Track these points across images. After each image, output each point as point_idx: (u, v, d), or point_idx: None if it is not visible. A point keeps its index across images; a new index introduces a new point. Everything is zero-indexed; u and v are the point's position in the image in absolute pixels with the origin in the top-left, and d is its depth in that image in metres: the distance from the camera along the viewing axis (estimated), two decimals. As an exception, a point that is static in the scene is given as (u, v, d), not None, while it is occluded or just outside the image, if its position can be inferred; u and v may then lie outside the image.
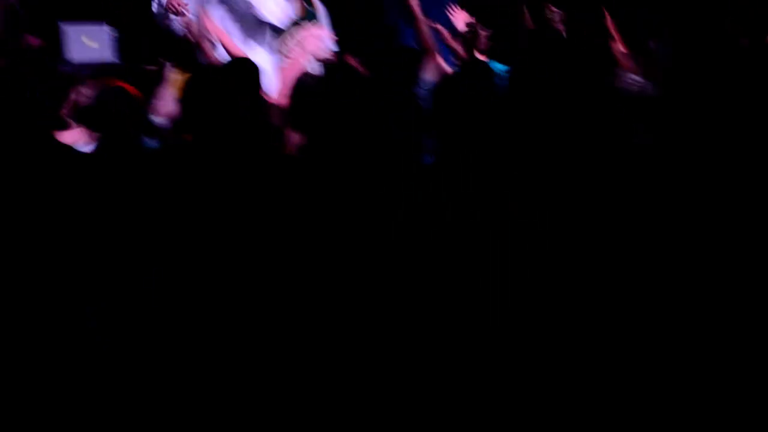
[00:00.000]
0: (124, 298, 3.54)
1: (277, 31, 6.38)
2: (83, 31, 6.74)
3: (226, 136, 3.74)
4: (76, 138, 5.10)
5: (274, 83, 5.44)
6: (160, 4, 6.31)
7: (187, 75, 3.90)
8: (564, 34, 6.17)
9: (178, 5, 6.04)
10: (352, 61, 5.21)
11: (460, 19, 6.41)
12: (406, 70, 4.90)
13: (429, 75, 5.06)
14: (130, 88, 4.92)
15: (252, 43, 6.42)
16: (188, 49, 5.91)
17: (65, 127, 4.84)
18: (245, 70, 4.69)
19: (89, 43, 6.63)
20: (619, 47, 5.41)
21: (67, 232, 3.51)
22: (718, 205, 3.62)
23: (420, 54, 5.27)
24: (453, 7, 6.55)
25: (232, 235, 3.62)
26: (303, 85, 4.88)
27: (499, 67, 5.41)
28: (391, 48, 5.66)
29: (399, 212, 3.56)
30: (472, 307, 3.45)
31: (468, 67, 4.92)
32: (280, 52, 6.50)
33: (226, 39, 5.80)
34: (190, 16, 5.93)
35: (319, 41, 5.55)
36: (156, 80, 5.44)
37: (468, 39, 6.43)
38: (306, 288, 3.50)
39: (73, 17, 7.03)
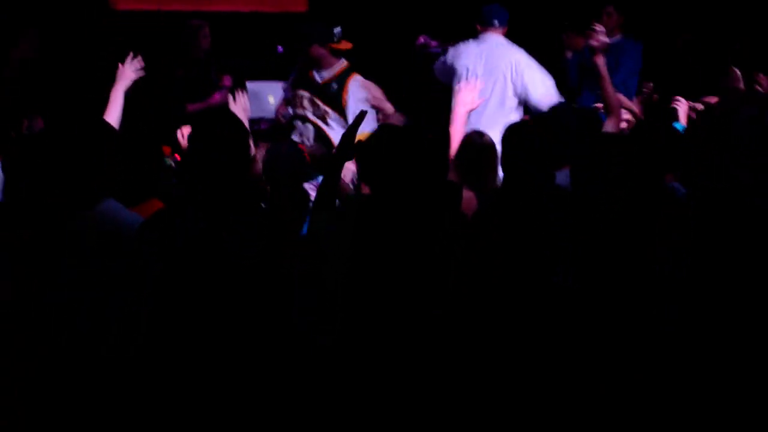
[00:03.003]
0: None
1: None
2: (268, 89, 6.86)
3: (407, 192, 3.69)
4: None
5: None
6: None
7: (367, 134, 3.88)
8: None
9: None
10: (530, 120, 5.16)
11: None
12: (587, 130, 4.84)
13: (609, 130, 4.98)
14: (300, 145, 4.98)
15: None
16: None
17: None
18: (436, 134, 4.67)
19: (271, 100, 6.75)
20: None
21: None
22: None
23: (596, 115, 5.22)
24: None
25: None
26: (471, 141, 4.83)
27: (679, 128, 5.30)
28: (572, 108, 5.57)
29: None
30: None
31: (644, 128, 4.83)
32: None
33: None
34: None
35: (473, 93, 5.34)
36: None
37: (645, 100, 6.41)
38: None
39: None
